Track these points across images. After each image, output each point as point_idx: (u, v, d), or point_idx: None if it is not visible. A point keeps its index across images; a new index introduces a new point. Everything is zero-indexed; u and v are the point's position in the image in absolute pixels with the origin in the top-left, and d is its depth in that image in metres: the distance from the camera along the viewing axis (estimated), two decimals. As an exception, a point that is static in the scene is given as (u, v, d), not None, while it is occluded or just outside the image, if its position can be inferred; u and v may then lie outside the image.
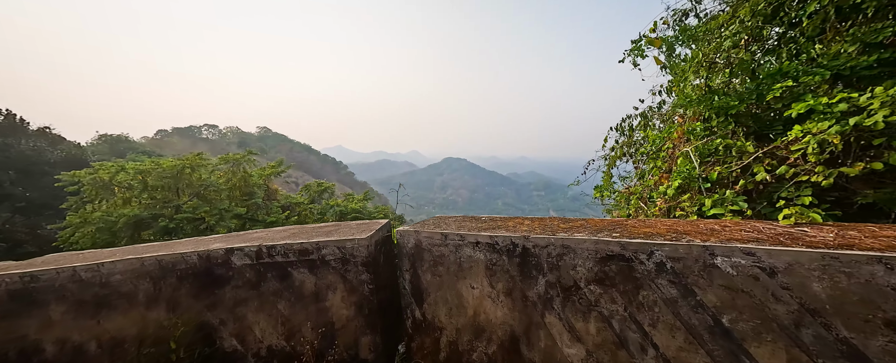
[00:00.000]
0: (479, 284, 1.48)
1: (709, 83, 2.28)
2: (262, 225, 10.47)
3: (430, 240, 1.60)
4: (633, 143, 4.41)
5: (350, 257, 1.61)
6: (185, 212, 8.87)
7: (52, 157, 18.84)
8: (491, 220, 1.78)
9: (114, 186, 8.96)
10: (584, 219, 1.68)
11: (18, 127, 17.92)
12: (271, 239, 1.76)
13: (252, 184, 11.53)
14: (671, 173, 2.41)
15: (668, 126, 2.64)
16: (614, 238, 1.22)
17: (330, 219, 13.68)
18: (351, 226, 1.97)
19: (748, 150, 1.81)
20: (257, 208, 11.48)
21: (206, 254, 1.64)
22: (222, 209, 9.69)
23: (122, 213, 7.71)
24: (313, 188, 14.79)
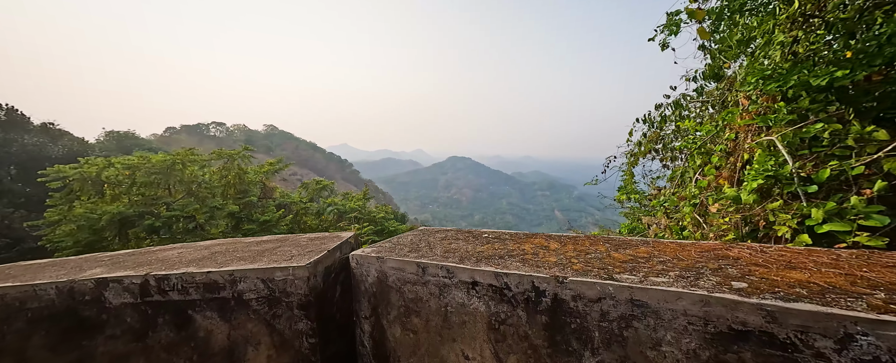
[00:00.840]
0: (476, 354, 0.89)
1: (795, 50, 1.69)
2: (256, 224, 10.03)
3: (401, 274, 1.02)
4: (661, 138, 3.78)
5: (281, 295, 1.06)
6: (174, 210, 8.46)
7: (54, 153, 18.75)
8: (498, 240, 1.19)
9: (103, 182, 8.58)
10: (645, 239, 1.08)
11: (20, 122, 17.82)
12: (172, 261, 1.20)
13: (247, 182, 11.10)
14: (732, 171, 1.82)
15: (723, 113, 2.04)
16: (747, 299, 0.61)
17: (328, 218, 13.22)
18: (299, 242, 1.41)
19: (877, 139, 1.23)
20: (252, 207, 11.05)
21: (68, 288, 1.09)
22: (213, 207, 9.27)
23: (105, 211, 7.30)
24: (311, 186, 14.35)
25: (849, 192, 1.23)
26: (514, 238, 1.21)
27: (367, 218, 12.20)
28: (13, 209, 16.84)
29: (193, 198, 9.16)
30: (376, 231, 11.46)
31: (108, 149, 46.17)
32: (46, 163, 14.51)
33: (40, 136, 18.75)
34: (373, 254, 1.12)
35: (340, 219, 13.02)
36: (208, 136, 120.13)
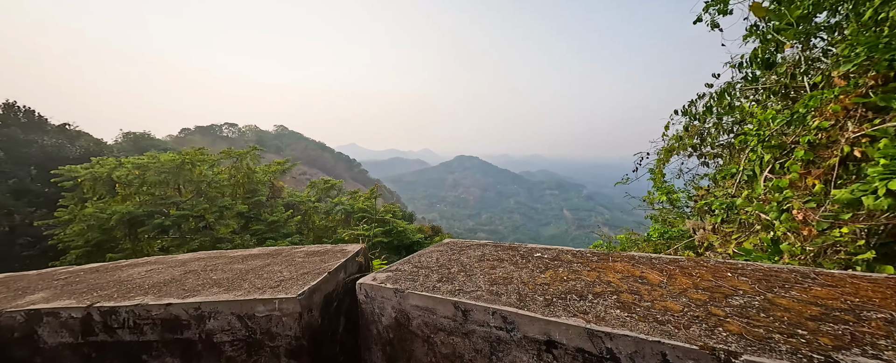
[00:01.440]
0: None
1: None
2: (265, 224, 9.95)
3: (430, 317, 0.71)
4: (701, 132, 3.38)
5: (264, 337, 0.78)
6: (184, 210, 8.41)
7: (71, 153, 19.19)
8: (560, 263, 0.83)
9: (114, 182, 8.59)
10: (795, 268, 0.72)
11: (38, 123, 18.30)
12: (133, 285, 0.94)
13: (256, 182, 11.03)
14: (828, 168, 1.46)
15: (805, 98, 1.67)
16: None
17: (336, 217, 13.09)
18: (293, 258, 1.12)
19: None
20: (261, 206, 10.98)
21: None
22: (223, 206, 9.20)
23: (115, 210, 7.27)
24: (320, 185, 14.25)
25: None
26: (581, 259, 0.86)
27: (375, 218, 12.00)
28: (34, 208, 17.25)
29: (203, 198, 9.11)
30: (385, 232, 11.24)
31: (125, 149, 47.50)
32: (64, 163, 14.64)
33: (58, 136, 19.21)
34: (389, 283, 0.80)
35: (348, 219, 12.87)
36: (221, 137, 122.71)
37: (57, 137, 18.96)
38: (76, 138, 19.70)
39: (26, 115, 17.17)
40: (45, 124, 18.16)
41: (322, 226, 13.04)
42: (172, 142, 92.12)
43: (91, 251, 7.14)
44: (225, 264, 1.08)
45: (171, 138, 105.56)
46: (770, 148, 1.84)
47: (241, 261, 1.11)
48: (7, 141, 16.16)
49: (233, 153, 11.24)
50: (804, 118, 1.66)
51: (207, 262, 1.13)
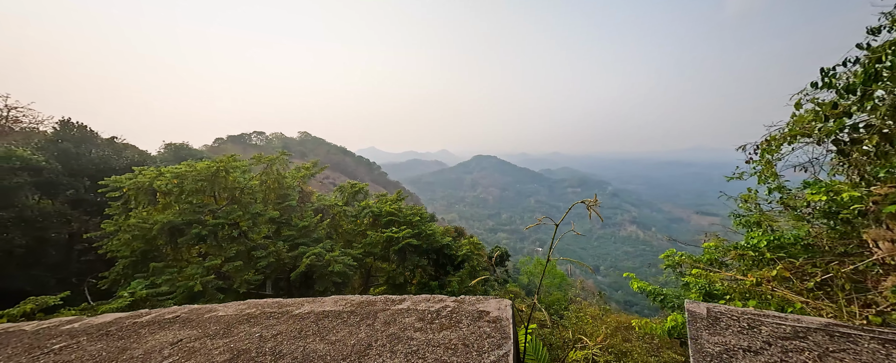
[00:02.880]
0: None
1: None
2: (296, 230, 9.89)
3: None
4: (844, 111, 2.61)
5: None
6: (220, 218, 8.46)
7: (118, 164, 20.47)
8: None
9: (154, 191, 8.81)
10: None
11: (89, 137, 19.65)
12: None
13: (286, 186, 11.05)
14: None
15: None
16: None
17: (363, 221, 12.92)
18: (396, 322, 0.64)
19: None
20: (291, 211, 10.98)
21: None
22: (255, 213, 9.20)
23: (156, 220, 7.37)
24: (347, 189, 14.18)
25: None
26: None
27: (403, 220, 11.69)
28: (89, 217, 18.44)
29: (237, 205, 9.15)
30: (415, 234, 10.89)
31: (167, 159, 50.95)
32: (113, 174, 15.37)
33: (107, 149, 20.52)
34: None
35: (376, 222, 12.65)
36: (251, 145, 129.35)
37: (105, 150, 20.28)
38: (123, 150, 21.00)
39: (79, 130, 18.45)
40: (96, 138, 19.45)
41: (350, 230, 12.91)
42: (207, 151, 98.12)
43: (137, 260, 7.29)
44: (292, 334, 0.63)
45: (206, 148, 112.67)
46: None
47: (314, 329, 0.65)
48: (62, 154, 17.45)
49: (263, 159, 11.34)
50: None
51: (264, 329, 0.68)
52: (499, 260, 33.48)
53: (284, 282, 9.91)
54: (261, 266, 8.21)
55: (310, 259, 8.05)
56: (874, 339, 1.30)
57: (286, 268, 9.00)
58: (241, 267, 7.95)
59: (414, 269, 11.87)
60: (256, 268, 8.31)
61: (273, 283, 10.24)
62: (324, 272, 8.34)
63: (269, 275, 9.17)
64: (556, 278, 30.06)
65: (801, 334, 1.34)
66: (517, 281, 35.08)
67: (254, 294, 10.24)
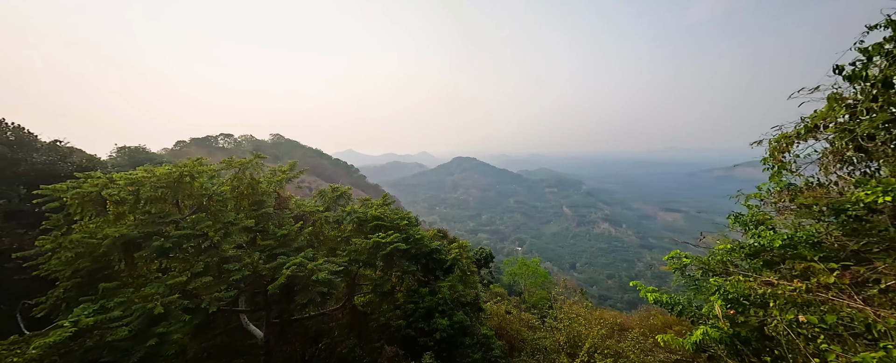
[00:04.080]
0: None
1: None
2: (274, 239, 9.11)
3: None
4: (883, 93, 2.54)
5: None
6: (185, 229, 7.57)
7: (63, 171, 18.24)
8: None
9: (104, 201, 7.74)
10: None
11: (28, 141, 17.36)
12: None
13: (261, 192, 10.20)
14: None
15: None
16: None
17: (347, 227, 12.26)
18: None
19: None
20: (268, 219, 10.15)
21: None
22: (227, 222, 8.36)
23: (107, 234, 6.42)
24: (328, 194, 13.42)
25: None
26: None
27: (390, 225, 11.20)
28: (25, 230, 16.26)
29: (205, 214, 8.27)
30: (403, 239, 10.44)
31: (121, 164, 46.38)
32: (56, 181, 13.57)
33: (49, 154, 18.27)
34: None
35: (361, 228, 12.05)
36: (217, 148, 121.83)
37: (48, 155, 18.01)
38: (68, 155, 18.74)
39: (15, 132, 16.21)
40: (35, 141, 17.20)
41: (333, 237, 12.21)
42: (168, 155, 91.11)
43: (82, 282, 6.29)
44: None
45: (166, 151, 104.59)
46: None
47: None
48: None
49: (234, 163, 10.42)
50: None
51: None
52: (483, 261, 33.52)
53: (261, 296, 9.10)
54: (234, 280, 7.43)
55: (290, 270, 7.39)
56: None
57: (263, 282, 8.24)
58: (211, 283, 7.13)
59: (402, 276, 11.40)
60: (229, 283, 7.51)
61: (248, 299, 9.38)
62: (306, 283, 7.70)
63: (243, 289, 8.35)
64: (538, 277, 30.52)
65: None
66: (500, 281, 35.27)
67: (226, 312, 9.31)
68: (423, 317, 10.06)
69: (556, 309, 12.71)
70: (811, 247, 2.91)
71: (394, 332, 10.53)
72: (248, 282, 8.03)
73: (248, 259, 7.98)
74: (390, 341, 10.44)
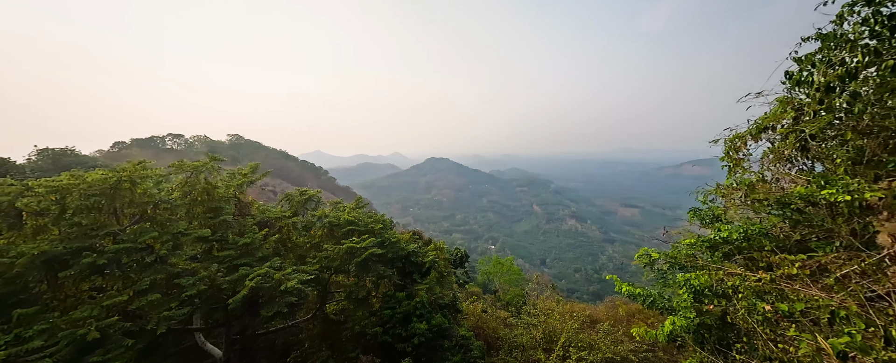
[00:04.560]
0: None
1: None
2: (235, 249, 8.35)
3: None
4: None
5: None
6: (125, 242, 6.65)
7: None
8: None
9: (19, 212, 6.57)
10: None
11: None
12: None
13: (218, 198, 9.31)
14: None
15: None
16: None
17: (318, 233, 11.63)
18: None
19: None
20: (227, 227, 9.28)
21: None
22: (178, 233, 7.50)
23: (21, 251, 5.44)
24: (296, 198, 12.63)
25: None
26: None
27: (364, 229, 10.78)
28: None
29: (150, 224, 7.35)
30: (378, 243, 10.10)
31: (43, 169, 40.06)
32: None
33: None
34: None
35: (332, 233, 11.48)
36: (165, 150, 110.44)
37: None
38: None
39: None
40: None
41: (302, 244, 11.51)
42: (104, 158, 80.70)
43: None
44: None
45: (101, 154, 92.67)
46: None
47: None
48: None
49: (185, 166, 9.40)
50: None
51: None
52: (458, 261, 33.59)
53: (220, 311, 8.28)
54: (188, 296, 6.66)
55: (255, 281, 6.79)
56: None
57: (223, 296, 7.51)
58: (159, 301, 6.33)
59: (378, 281, 11.02)
60: (181, 300, 6.73)
61: (204, 316, 8.48)
62: (273, 294, 7.13)
63: (198, 306, 7.54)
64: (512, 275, 31.26)
65: None
66: (475, 280, 35.66)
67: (178, 331, 8.36)
68: (401, 322, 9.80)
69: (530, 305, 13.06)
70: (763, 238, 3.25)
71: (370, 340, 10.14)
72: (204, 297, 7.26)
73: (204, 272, 7.22)
74: (366, 350, 10.04)
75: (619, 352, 6.90)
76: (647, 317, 10.21)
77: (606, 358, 6.75)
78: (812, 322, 2.12)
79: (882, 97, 2.31)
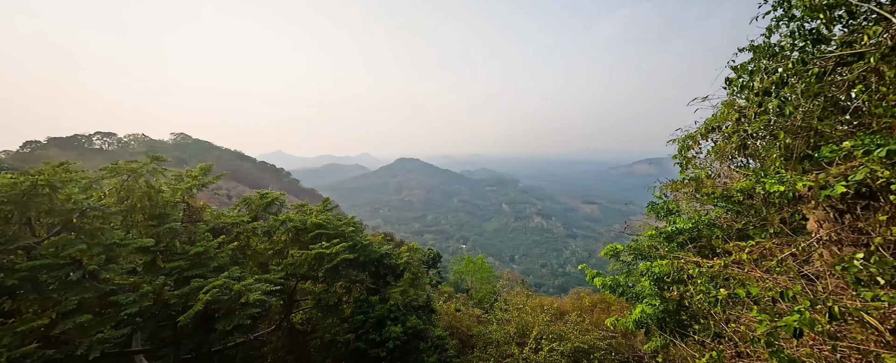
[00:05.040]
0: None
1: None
2: (185, 259, 7.52)
3: None
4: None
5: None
6: (43, 258, 5.68)
7: None
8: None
9: None
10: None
11: None
12: None
13: (163, 203, 8.34)
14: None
15: None
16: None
17: (282, 238, 10.89)
18: None
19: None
20: (174, 235, 8.33)
21: None
22: (113, 243, 6.58)
23: None
24: (255, 201, 11.72)
25: None
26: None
27: (334, 233, 10.30)
28: None
29: (76, 235, 6.37)
30: (349, 247, 9.71)
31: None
32: None
33: None
34: None
35: (298, 237, 10.82)
36: (92, 150, 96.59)
37: None
38: None
39: None
40: None
41: (264, 251, 10.71)
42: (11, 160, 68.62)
43: None
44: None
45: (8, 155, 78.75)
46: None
47: None
48: None
49: (121, 168, 8.27)
50: None
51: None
52: (432, 262, 33.51)
53: (169, 329, 7.41)
54: (127, 315, 5.86)
55: (210, 294, 6.17)
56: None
57: (171, 312, 6.72)
58: (90, 322, 5.49)
59: (349, 286, 10.60)
60: (120, 320, 5.91)
61: (149, 335, 7.52)
62: (232, 307, 6.53)
63: (141, 325, 6.66)
64: (484, 272, 31.89)
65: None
66: (447, 280, 35.84)
67: (114, 355, 7.32)
68: (375, 326, 9.53)
69: (501, 301, 13.40)
70: (711, 228, 3.69)
71: (341, 348, 9.73)
72: (148, 314, 6.45)
73: (147, 286, 6.41)
74: (338, 359, 9.62)
75: (587, 341, 7.36)
76: (609, 306, 11.00)
77: (576, 347, 7.17)
78: (772, 301, 2.44)
79: (807, 101, 2.79)
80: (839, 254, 2.34)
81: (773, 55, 2.85)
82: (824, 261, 2.43)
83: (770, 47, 2.94)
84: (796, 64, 2.64)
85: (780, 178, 2.89)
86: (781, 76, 2.81)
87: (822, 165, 2.70)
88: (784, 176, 2.98)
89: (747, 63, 3.23)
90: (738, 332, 2.39)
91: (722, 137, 3.38)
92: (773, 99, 2.93)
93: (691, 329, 3.28)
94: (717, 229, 3.57)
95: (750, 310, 2.46)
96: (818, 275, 2.41)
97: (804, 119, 2.90)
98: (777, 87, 2.89)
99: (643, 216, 5.36)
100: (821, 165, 2.78)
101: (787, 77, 2.75)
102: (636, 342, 8.96)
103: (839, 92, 2.61)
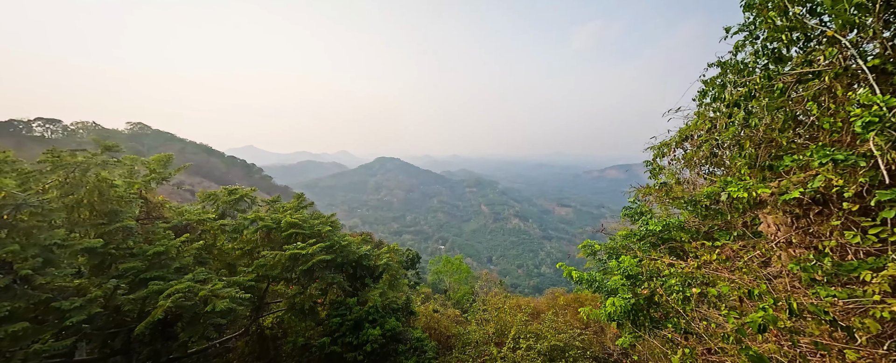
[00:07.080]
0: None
1: None
2: (139, 260, 6.86)
3: None
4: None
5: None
6: (-36, 257, 4.94)
7: None
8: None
9: None
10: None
11: None
12: None
13: (115, 198, 7.58)
14: None
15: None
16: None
17: (252, 237, 10.27)
18: None
19: None
20: (129, 234, 7.58)
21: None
22: (53, 244, 5.87)
23: None
24: (223, 197, 10.98)
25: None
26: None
27: (310, 233, 9.86)
28: None
29: (8, 234, 5.62)
30: (326, 248, 9.34)
31: None
32: None
33: None
34: None
35: (270, 237, 10.25)
36: (32, 138, 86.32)
37: None
38: None
39: None
40: None
41: (232, 251, 10.07)
42: (-78, 145, 59.30)
43: None
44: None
45: (-83, 140, 68.41)
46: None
47: None
48: None
49: (64, 159, 7.41)
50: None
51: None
52: (410, 263, 33.22)
53: (121, 338, 6.71)
54: (73, 323, 5.23)
55: (172, 299, 5.67)
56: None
57: (125, 319, 6.11)
58: (25, 331, 4.85)
59: (325, 288, 10.20)
60: (63, 328, 5.28)
61: (99, 346, 6.75)
62: (197, 314, 6.05)
63: (89, 333, 5.99)
64: (462, 273, 32.06)
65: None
66: (426, 281, 35.67)
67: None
68: (351, 329, 9.24)
69: (480, 301, 13.53)
70: (680, 230, 3.97)
71: (315, 353, 9.33)
72: (98, 322, 5.82)
73: (96, 290, 5.78)
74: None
75: (562, 339, 7.60)
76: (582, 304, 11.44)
77: (552, 345, 7.38)
78: (739, 300, 2.64)
79: (770, 114, 3.10)
80: (795, 255, 2.62)
81: (740, 71, 3.16)
82: (782, 262, 2.70)
83: (737, 63, 3.26)
84: (762, 80, 2.93)
85: (744, 185, 3.18)
86: (750, 89, 3.11)
87: (782, 174, 3.00)
88: (748, 183, 3.28)
89: (716, 78, 3.53)
90: (709, 329, 2.58)
91: (693, 146, 3.66)
92: (740, 111, 3.23)
93: (662, 325, 3.52)
94: (683, 232, 3.88)
95: (718, 309, 2.66)
96: (778, 275, 2.67)
97: (765, 131, 3.22)
98: (745, 100, 3.19)
99: (616, 219, 5.65)
100: (781, 174, 3.08)
101: (755, 91, 3.05)
102: (606, 339, 9.41)
103: (798, 107, 2.92)
